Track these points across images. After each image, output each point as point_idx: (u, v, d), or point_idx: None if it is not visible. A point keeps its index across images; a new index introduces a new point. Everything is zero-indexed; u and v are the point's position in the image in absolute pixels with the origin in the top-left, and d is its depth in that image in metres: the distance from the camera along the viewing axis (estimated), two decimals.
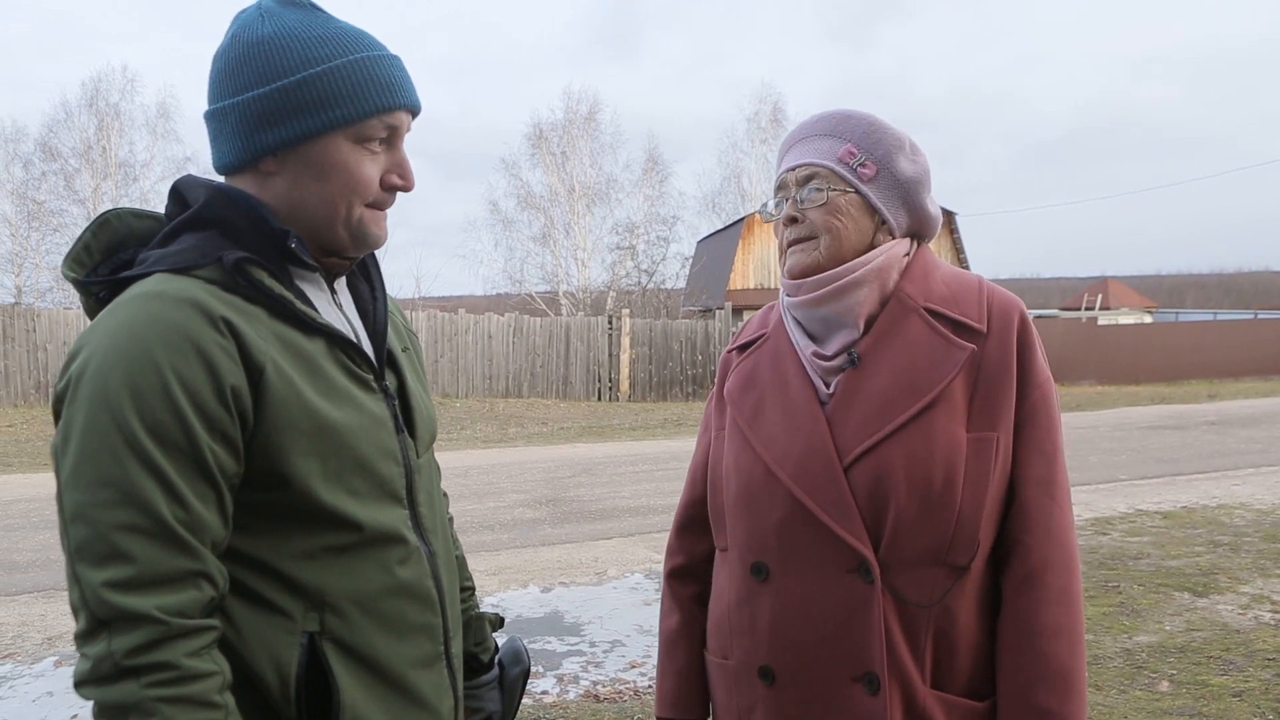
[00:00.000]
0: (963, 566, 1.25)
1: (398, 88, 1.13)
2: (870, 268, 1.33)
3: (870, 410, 1.28)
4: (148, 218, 1.16)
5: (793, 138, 1.44)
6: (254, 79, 1.09)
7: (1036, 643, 1.23)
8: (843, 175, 1.35)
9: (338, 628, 1.08)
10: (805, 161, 1.37)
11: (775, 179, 1.45)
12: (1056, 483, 1.30)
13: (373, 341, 1.21)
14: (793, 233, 1.38)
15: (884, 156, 1.36)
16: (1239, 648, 4.16)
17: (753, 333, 1.50)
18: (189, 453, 0.98)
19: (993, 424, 1.26)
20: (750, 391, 1.41)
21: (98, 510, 0.95)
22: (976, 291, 1.35)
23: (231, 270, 1.06)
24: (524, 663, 1.46)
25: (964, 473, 1.24)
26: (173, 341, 0.98)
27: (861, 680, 1.24)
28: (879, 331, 1.33)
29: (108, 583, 0.94)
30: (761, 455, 1.34)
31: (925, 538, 1.24)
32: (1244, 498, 7.75)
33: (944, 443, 1.24)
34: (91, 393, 0.97)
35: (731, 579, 1.38)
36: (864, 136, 1.37)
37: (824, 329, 1.37)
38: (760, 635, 1.32)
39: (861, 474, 1.26)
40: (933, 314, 1.32)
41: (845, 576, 1.25)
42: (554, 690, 3.91)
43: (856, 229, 1.35)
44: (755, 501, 1.33)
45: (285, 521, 1.06)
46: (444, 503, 1.36)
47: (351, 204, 1.12)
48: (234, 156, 1.11)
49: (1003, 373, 1.28)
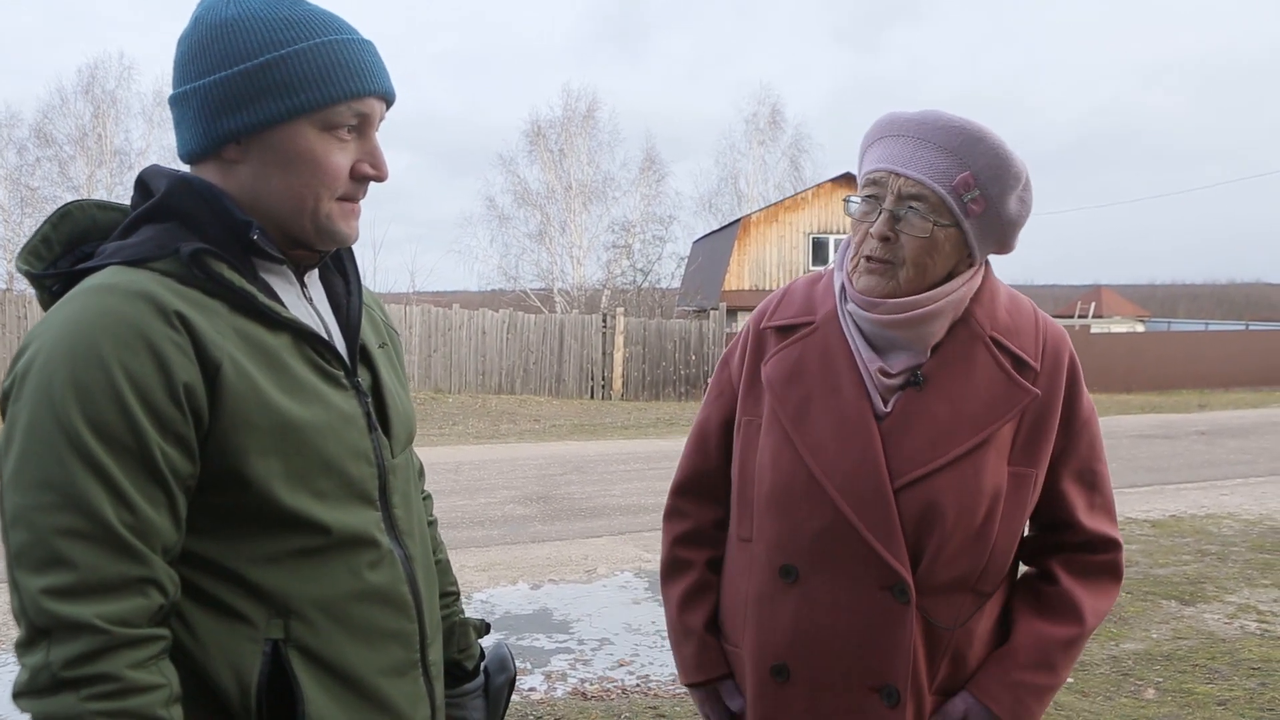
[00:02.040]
0: (987, 593, 1.31)
1: (368, 73, 1.07)
2: (950, 300, 1.30)
3: (928, 436, 1.27)
4: (112, 209, 1.10)
5: (900, 128, 1.29)
6: (216, 62, 1.04)
7: (1085, 616, 1.35)
8: (951, 208, 1.26)
9: (304, 635, 1.03)
10: (917, 177, 1.25)
11: (867, 164, 1.32)
12: (1111, 508, 1.39)
13: (345, 337, 1.16)
14: (877, 250, 1.28)
15: (998, 195, 1.27)
16: (1224, 656, 4.18)
17: (796, 315, 1.41)
18: (137, 453, 0.94)
19: (1033, 461, 1.31)
20: (795, 385, 1.35)
21: (38, 514, 0.91)
22: (1034, 324, 1.35)
23: (189, 262, 1.01)
24: (509, 670, 1.41)
25: (1003, 507, 1.28)
26: (121, 336, 0.94)
27: (880, 691, 1.27)
28: (945, 356, 1.31)
29: (46, 589, 0.89)
30: (806, 459, 1.30)
31: (960, 566, 1.27)
32: (1232, 508, 7.78)
33: (991, 478, 1.27)
34: (36, 390, 0.93)
35: (753, 571, 1.37)
36: (986, 168, 1.26)
37: (888, 345, 1.33)
38: (779, 633, 1.33)
39: (911, 499, 1.26)
40: (997, 344, 1.31)
41: (879, 593, 1.27)
42: (541, 688, 3.91)
43: (943, 264, 1.30)
44: (793, 505, 1.31)
45: (246, 524, 1.01)
46: (426, 505, 1.31)
47: (320, 196, 1.07)
48: (196, 143, 1.07)
49: (1049, 413, 1.31)
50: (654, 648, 4.39)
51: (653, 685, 3.94)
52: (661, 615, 1.60)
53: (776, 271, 26.80)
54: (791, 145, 36.44)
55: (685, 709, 3.65)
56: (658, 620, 4.76)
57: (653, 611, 4.93)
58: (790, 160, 36.34)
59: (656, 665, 4.16)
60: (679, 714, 3.62)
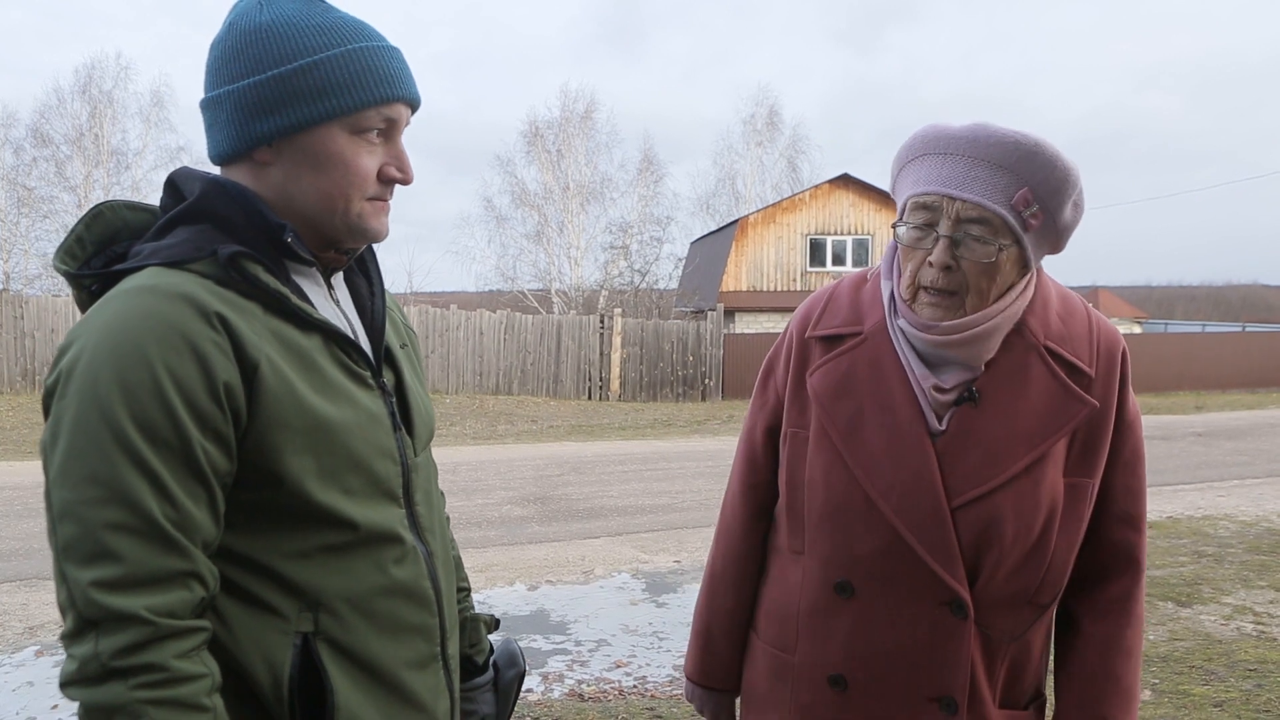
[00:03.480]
0: (1045, 605, 1.31)
1: (396, 79, 1.11)
2: (1006, 315, 1.26)
3: (985, 454, 1.25)
4: (142, 210, 1.14)
5: (949, 145, 1.23)
6: (250, 66, 1.07)
7: (1112, 662, 1.31)
8: (1012, 227, 1.21)
9: (332, 628, 1.06)
10: (976, 200, 1.20)
11: (911, 184, 1.26)
12: (1141, 517, 1.34)
13: (370, 338, 1.20)
14: (939, 280, 1.23)
15: (1056, 206, 1.23)
16: (1221, 658, 4.18)
17: (843, 325, 1.36)
18: (180, 450, 0.96)
19: (1089, 471, 1.28)
20: (845, 400, 1.32)
21: (86, 508, 0.93)
22: (1087, 328, 1.32)
23: (226, 264, 1.04)
24: (519, 665, 1.44)
25: (1060, 520, 1.26)
26: (165, 337, 0.97)
27: (939, 701, 1.28)
28: (1000, 370, 1.27)
29: (95, 582, 0.92)
30: (860, 479, 1.28)
31: (1018, 582, 1.27)
32: (1229, 509, 7.79)
33: (1049, 492, 1.25)
34: (81, 388, 0.95)
35: (807, 584, 1.36)
36: (1044, 181, 1.21)
37: (941, 359, 1.29)
38: (835, 645, 1.32)
39: (970, 519, 1.24)
40: (1051, 354, 1.28)
41: (936, 608, 1.27)
42: (538, 689, 3.90)
43: (1004, 283, 1.25)
44: (848, 523, 1.30)
45: (279, 520, 1.04)
46: (441, 501, 1.35)
47: (350, 197, 1.11)
48: (228, 145, 1.10)
49: (1104, 421, 1.28)
50: (651, 649, 4.39)
51: (650, 686, 3.94)
52: (659, 616, 1.61)
53: (774, 272, 26.80)
54: (789, 146, 36.48)
55: (682, 710, 3.65)
56: (655, 621, 4.76)
57: (650, 613, 4.93)
58: (788, 161, 36.39)
59: (654, 666, 4.16)
60: (676, 715, 3.61)
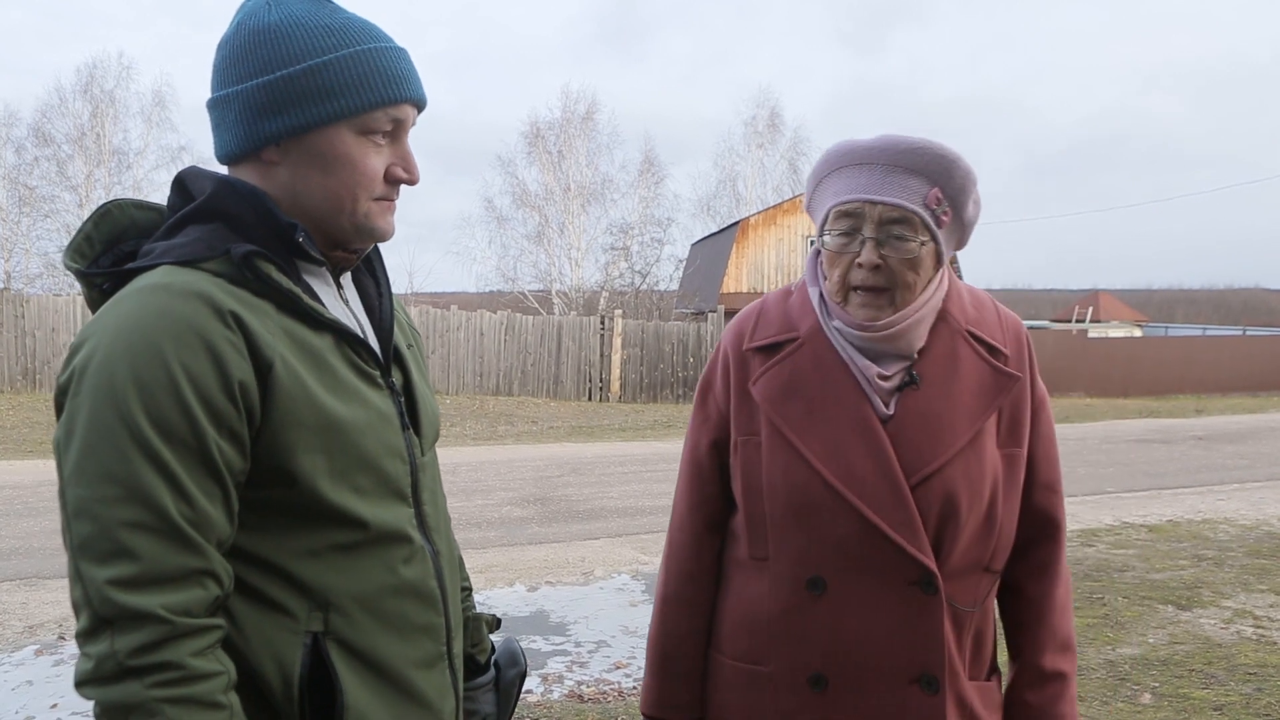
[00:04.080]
0: (997, 571, 1.40)
1: (404, 80, 1.12)
2: (931, 305, 1.37)
3: (932, 432, 1.32)
4: (149, 209, 1.14)
5: (864, 156, 1.34)
6: (259, 66, 1.07)
7: (1049, 618, 1.42)
8: (929, 225, 1.32)
9: (342, 627, 1.06)
10: (896, 202, 1.30)
11: (829, 196, 1.36)
12: (1060, 482, 1.45)
13: (379, 337, 1.20)
14: (868, 279, 1.32)
15: (961, 204, 1.35)
16: (1221, 661, 4.18)
17: (778, 333, 1.43)
18: (196, 449, 0.96)
19: (1018, 441, 1.38)
20: (794, 400, 1.37)
21: (102, 506, 0.93)
22: (995, 315, 1.44)
23: (240, 264, 1.04)
24: (520, 665, 1.44)
25: (1002, 488, 1.35)
26: (180, 335, 0.97)
27: (919, 681, 1.32)
28: (932, 355, 1.37)
29: (112, 580, 0.92)
30: (820, 471, 1.32)
31: (976, 550, 1.34)
32: (1229, 513, 7.79)
33: (990, 462, 1.34)
34: (96, 386, 0.95)
35: (775, 588, 1.37)
36: (950, 182, 1.33)
37: (878, 351, 1.36)
38: (812, 644, 1.34)
39: (928, 494, 1.31)
40: (973, 337, 1.39)
41: (907, 588, 1.31)
42: (538, 690, 3.90)
43: (926, 278, 1.36)
44: (814, 517, 1.33)
45: (290, 519, 1.04)
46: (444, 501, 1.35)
47: (357, 197, 1.11)
48: (236, 145, 1.10)
49: (1023, 393, 1.39)
50: None
51: None
52: None
53: (775, 274, 26.80)
54: (790, 148, 36.50)
55: None
56: None
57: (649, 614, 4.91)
58: (789, 163, 36.40)
59: None
60: None
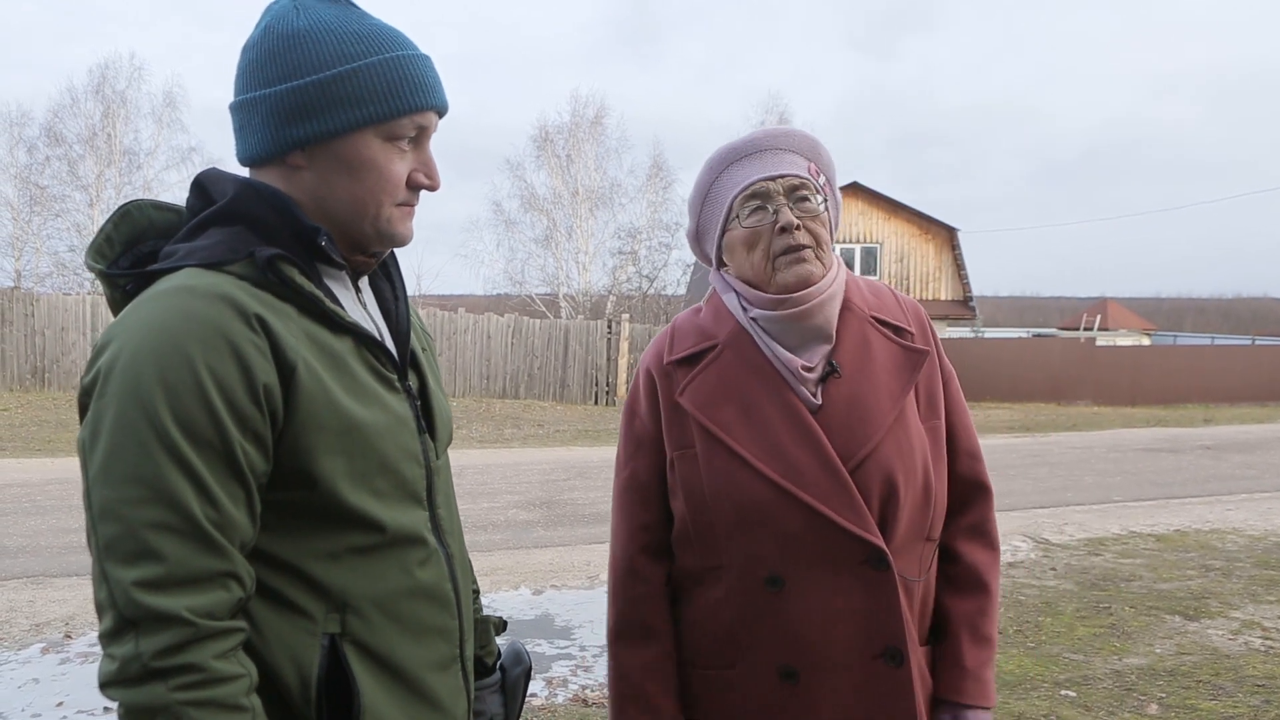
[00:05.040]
0: (936, 538, 1.44)
1: (430, 88, 1.13)
2: (839, 282, 1.43)
3: (860, 416, 1.37)
4: (168, 210, 1.15)
5: (747, 148, 1.44)
6: (287, 71, 1.08)
7: (989, 581, 1.46)
8: (820, 189, 1.42)
9: (359, 629, 1.07)
10: (794, 172, 1.40)
11: (730, 187, 1.43)
12: (979, 448, 1.51)
13: (395, 341, 1.21)
14: (795, 239, 1.38)
15: (831, 178, 1.48)
16: (1229, 673, 4.15)
17: (695, 343, 1.45)
18: (221, 451, 0.97)
19: (936, 412, 1.45)
20: (726, 405, 1.39)
21: (128, 507, 0.93)
22: (894, 300, 1.51)
23: (264, 267, 1.04)
24: (525, 663, 1.45)
25: (931, 459, 1.40)
26: (206, 337, 0.97)
27: (883, 655, 1.34)
28: (846, 342, 1.42)
29: (138, 582, 0.92)
30: (763, 470, 1.34)
31: (917, 521, 1.38)
32: (1237, 523, 7.75)
33: (917, 436, 1.40)
34: (122, 387, 0.95)
35: (730, 594, 1.38)
36: (819, 156, 1.45)
37: (799, 340, 1.41)
38: (777, 639, 1.35)
39: (865, 476, 1.34)
40: (879, 321, 1.45)
41: (859, 568, 1.34)
42: (542, 694, 3.90)
43: (829, 243, 1.44)
44: (762, 517, 1.34)
45: (310, 521, 1.05)
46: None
47: (381, 203, 1.12)
48: (261, 149, 1.10)
49: (933, 368, 1.46)
50: None
51: None
52: None
53: None
54: None
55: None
56: None
57: None
58: None
59: None
60: None
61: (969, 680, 1.41)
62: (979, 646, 1.42)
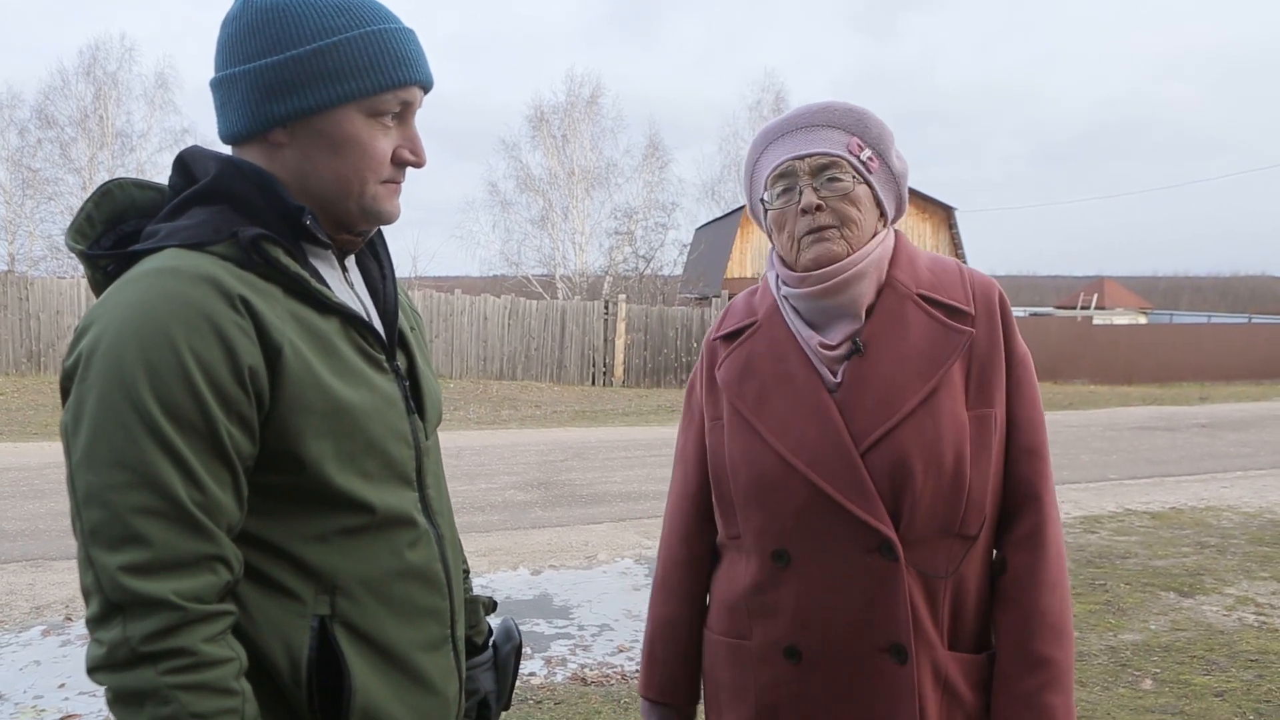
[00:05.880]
0: (973, 536, 1.34)
1: (413, 62, 1.10)
2: (871, 259, 1.37)
3: (880, 396, 1.32)
4: (150, 189, 1.13)
5: (784, 127, 1.42)
6: (267, 46, 1.05)
7: (1036, 596, 1.32)
8: (856, 167, 1.37)
9: (348, 611, 1.06)
10: (819, 151, 1.37)
11: (769, 168, 1.41)
12: (1044, 447, 1.39)
13: (383, 320, 1.19)
14: (816, 220, 1.36)
15: (884, 150, 1.40)
16: (1222, 648, 4.19)
17: (739, 320, 1.48)
18: (206, 434, 0.96)
19: (989, 401, 1.34)
20: (750, 380, 1.41)
21: (113, 492, 0.92)
22: (959, 275, 1.42)
23: (248, 247, 1.02)
24: (515, 639, 1.45)
25: (970, 449, 1.31)
26: (189, 320, 0.95)
27: (889, 651, 1.31)
28: (879, 320, 1.37)
29: (124, 566, 0.91)
30: (774, 445, 1.34)
31: (941, 514, 1.30)
32: (1232, 500, 7.79)
33: (950, 423, 1.31)
34: (105, 370, 0.94)
35: (748, 565, 1.39)
36: (865, 130, 1.39)
37: (825, 319, 1.39)
38: (784, 617, 1.35)
39: (879, 458, 1.30)
40: (926, 300, 1.38)
41: (868, 556, 1.30)
42: (541, 672, 3.93)
43: (869, 221, 1.38)
44: (772, 490, 1.34)
45: (298, 504, 1.04)
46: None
47: (365, 180, 1.10)
48: (242, 125, 1.08)
49: (993, 351, 1.36)
50: None
51: None
52: None
53: None
54: None
55: None
56: None
57: None
58: None
59: None
60: None
61: (1019, 705, 1.29)
62: (1030, 669, 1.30)
